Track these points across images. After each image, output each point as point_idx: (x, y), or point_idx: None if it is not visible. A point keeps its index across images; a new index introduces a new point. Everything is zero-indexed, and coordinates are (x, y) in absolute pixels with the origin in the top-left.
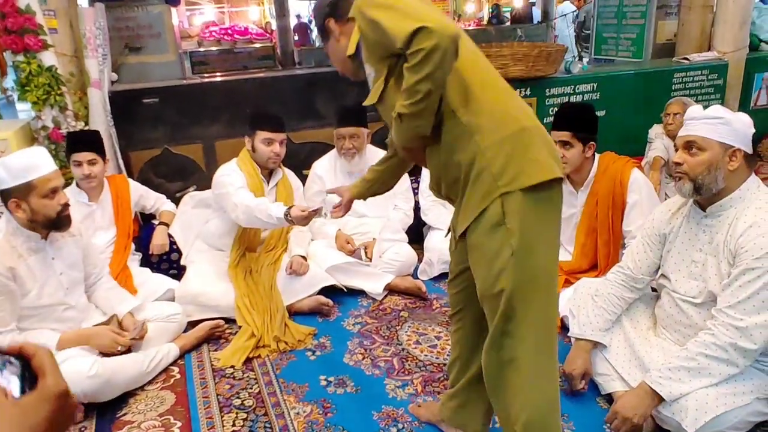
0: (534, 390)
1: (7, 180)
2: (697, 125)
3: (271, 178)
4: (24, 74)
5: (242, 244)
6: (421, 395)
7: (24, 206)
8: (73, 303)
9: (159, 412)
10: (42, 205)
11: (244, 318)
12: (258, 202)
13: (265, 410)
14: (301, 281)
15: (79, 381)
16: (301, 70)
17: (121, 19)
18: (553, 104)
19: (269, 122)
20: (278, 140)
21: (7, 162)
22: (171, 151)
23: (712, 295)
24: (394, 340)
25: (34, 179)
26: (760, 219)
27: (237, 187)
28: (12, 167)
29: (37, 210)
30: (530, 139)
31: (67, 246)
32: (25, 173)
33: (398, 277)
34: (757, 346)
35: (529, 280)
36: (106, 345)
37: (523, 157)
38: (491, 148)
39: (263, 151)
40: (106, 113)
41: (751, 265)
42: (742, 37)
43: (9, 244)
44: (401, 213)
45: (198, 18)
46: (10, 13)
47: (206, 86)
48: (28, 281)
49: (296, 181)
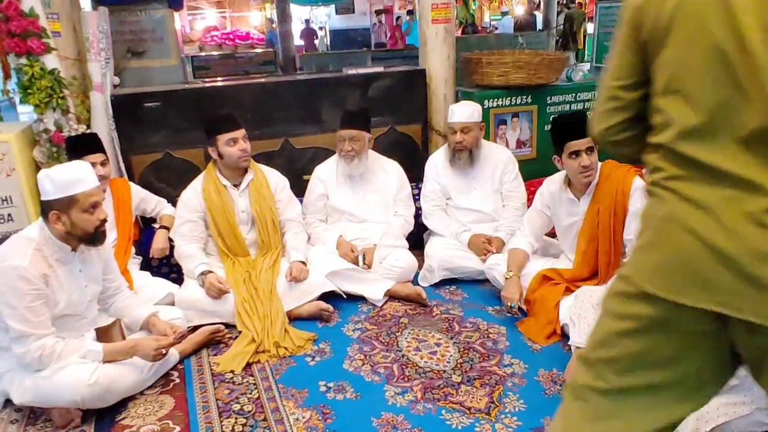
0: None
1: (52, 192)
2: None
3: (243, 181)
4: (27, 77)
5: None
6: (420, 402)
7: (64, 219)
8: (88, 315)
9: (158, 416)
10: (82, 219)
11: (244, 323)
12: (184, 254)
13: (264, 416)
14: (300, 287)
15: (79, 388)
16: (302, 75)
17: (124, 23)
18: (554, 112)
19: (225, 123)
20: (241, 137)
21: (52, 174)
22: (172, 155)
23: None
24: (394, 347)
25: (78, 193)
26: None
27: (182, 221)
28: (57, 180)
29: (76, 223)
30: None
31: (92, 259)
32: (69, 187)
33: (398, 283)
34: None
35: None
36: (151, 355)
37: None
38: None
39: (231, 153)
40: (108, 117)
41: None
42: None
43: (41, 254)
44: (401, 219)
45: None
46: (14, 16)
47: (208, 91)
48: (57, 291)
49: (280, 180)
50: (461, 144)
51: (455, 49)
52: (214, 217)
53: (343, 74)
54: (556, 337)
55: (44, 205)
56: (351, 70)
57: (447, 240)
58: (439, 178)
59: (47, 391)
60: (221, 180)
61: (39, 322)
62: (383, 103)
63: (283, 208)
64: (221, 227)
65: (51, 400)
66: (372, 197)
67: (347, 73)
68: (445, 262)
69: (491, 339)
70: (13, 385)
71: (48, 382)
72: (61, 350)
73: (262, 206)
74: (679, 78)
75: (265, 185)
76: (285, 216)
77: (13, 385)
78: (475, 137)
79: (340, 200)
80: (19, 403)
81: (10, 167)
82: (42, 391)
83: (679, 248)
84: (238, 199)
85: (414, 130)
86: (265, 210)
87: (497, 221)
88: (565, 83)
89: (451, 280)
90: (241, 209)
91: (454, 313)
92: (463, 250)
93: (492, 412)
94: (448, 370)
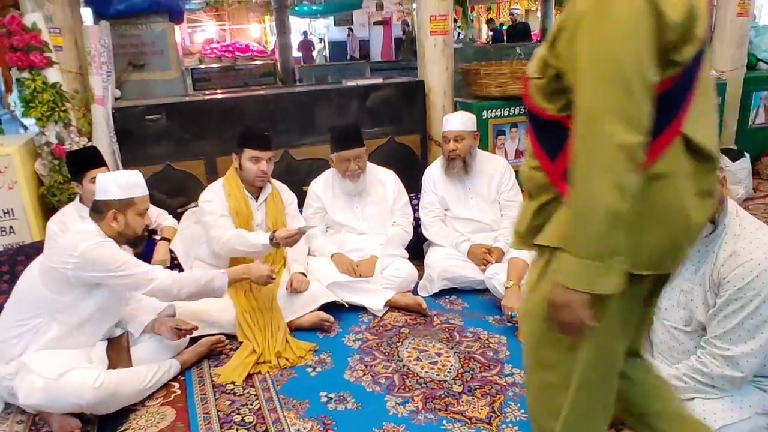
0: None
1: (116, 192)
2: None
3: (260, 194)
4: (29, 90)
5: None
6: (422, 412)
7: (120, 218)
8: (107, 322)
9: (159, 427)
10: (136, 220)
11: (245, 334)
12: (238, 234)
13: (265, 427)
14: (301, 297)
15: (84, 392)
16: (301, 87)
17: (125, 36)
18: None
19: (256, 140)
20: (265, 158)
21: (117, 177)
22: (173, 167)
23: (701, 323)
24: (394, 357)
25: (137, 197)
26: (739, 248)
27: (216, 216)
28: (122, 182)
29: (130, 224)
30: None
31: None
32: (131, 190)
33: (399, 293)
34: (744, 374)
35: None
36: (265, 276)
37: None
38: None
39: (250, 169)
40: (110, 129)
41: (734, 295)
42: (740, 56)
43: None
44: (400, 229)
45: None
46: (17, 30)
47: (208, 103)
48: (93, 288)
49: (289, 195)
50: (455, 152)
51: (453, 61)
52: (237, 223)
53: (342, 85)
54: None
55: (101, 205)
56: (350, 82)
57: (447, 250)
58: (436, 189)
59: (55, 392)
60: (244, 190)
61: (140, 263)
62: (382, 114)
63: (289, 222)
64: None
65: (56, 402)
66: (370, 210)
67: (346, 85)
68: (445, 271)
69: (492, 348)
70: (23, 385)
71: (55, 383)
72: (180, 277)
73: (277, 220)
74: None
75: (279, 200)
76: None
77: (23, 384)
78: (468, 146)
79: (338, 215)
80: (24, 404)
81: (12, 180)
82: (50, 393)
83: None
84: (255, 211)
85: (413, 140)
86: (279, 224)
87: (496, 231)
88: None
89: (451, 289)
90: (257, 222)
91: (455, 323)
92: (462, 260)
93: (493, 422)
94: (449, 380)
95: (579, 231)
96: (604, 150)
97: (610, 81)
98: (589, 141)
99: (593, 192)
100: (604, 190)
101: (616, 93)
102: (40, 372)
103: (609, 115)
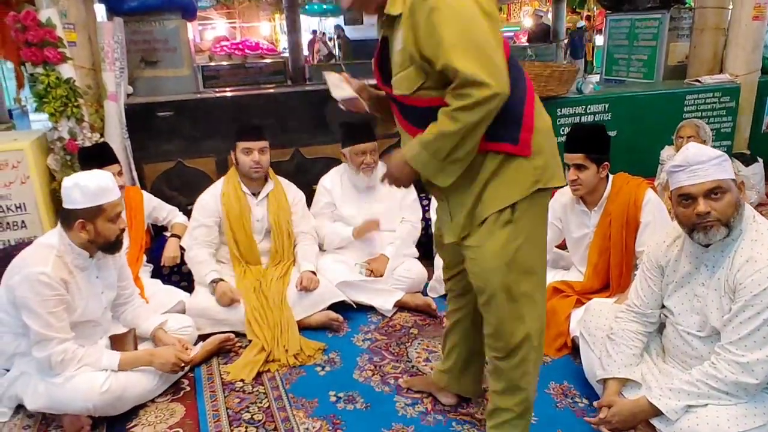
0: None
1: (80, 201)
2: (710, 169)
3: (262, 191)
4: (42, 86)
5: (240, 257)
6: (431, 413)
7: (89, 227)
8: (103, 322)
9: (169, 424)
10: (106, 228)
11: (254, 332)
12: (196, 258)
13: (274, 425)
14: (311, 296)
15: (92, 396)
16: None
17: (138, 33)
18: (565, 124)
19: (246, 132)
20: (257, 149)
21: (81, 184)
22: (184, 164)
23: (715, 329)
24: (403, 357)
25: (105, 203)
26: (756, 253)
27: (196, 224)
28: (86, 189)
29: (101, 232)
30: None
31: (108, 265)
32: (97, 197)
33: (408, 293)
34: (759, 381)
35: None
36: (170, 365)
37: (556, 157)
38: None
39: (244, 161)
40: (122, 126)
41: (750, 302)
42: (754, 59)
43: (62, 260)
44: (409, 225)
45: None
46: (32, 26)
47: (219, 101)
48: (76, 297)
49: (297, 194)
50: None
51: None
52: (230, 222)
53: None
54: (567, 349)
55: (69, 214)
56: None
57: None
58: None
59: (60, 397)
60: (242, 187)
61: (60, 327)
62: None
63: (297, 221)
64: (237, 234)
65: (63, 406)
66: (378, 207)
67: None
68: None
69: None
70: (27, 390)
71: (61, 388)
72: (81, 355)
73: (279, 216)
74: None
75: (283, 196)
76: (298, 229)
77: (27, 390)
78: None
79: (347, 210)
80: (32, 409)
81: (24, 175)
82: (55, 398)
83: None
84: (255, 207)
85: None
86: (283, 221)
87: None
88: (576, 95)
89: None
90: (257, 218)
91: None
92: None
93: None
94: None
95: (434, 141)
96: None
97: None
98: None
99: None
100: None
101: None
102: (48, 376)
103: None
